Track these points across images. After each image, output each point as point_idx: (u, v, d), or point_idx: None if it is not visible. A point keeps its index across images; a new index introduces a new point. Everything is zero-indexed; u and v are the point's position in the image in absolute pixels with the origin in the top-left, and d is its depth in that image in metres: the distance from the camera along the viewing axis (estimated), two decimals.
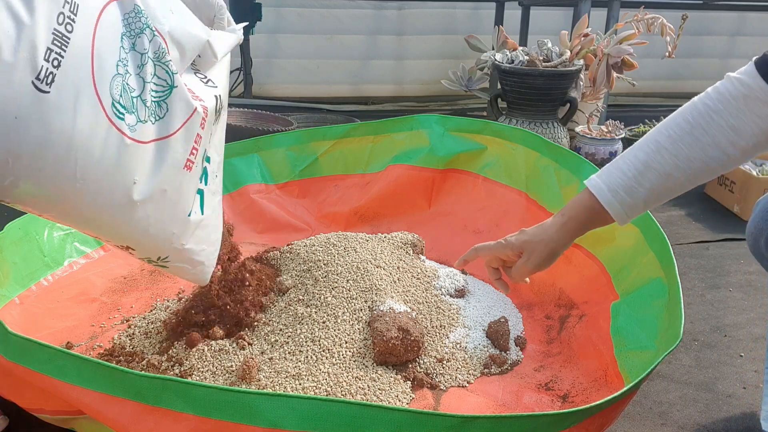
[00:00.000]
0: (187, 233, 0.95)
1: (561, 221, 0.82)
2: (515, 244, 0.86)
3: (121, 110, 0.82)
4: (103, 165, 0.79)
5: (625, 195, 0.77)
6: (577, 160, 1.36)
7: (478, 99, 2.95)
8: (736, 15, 3.48)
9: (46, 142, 0.72)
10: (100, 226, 0.84)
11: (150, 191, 0.86)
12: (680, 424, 1.01)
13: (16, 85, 0.67)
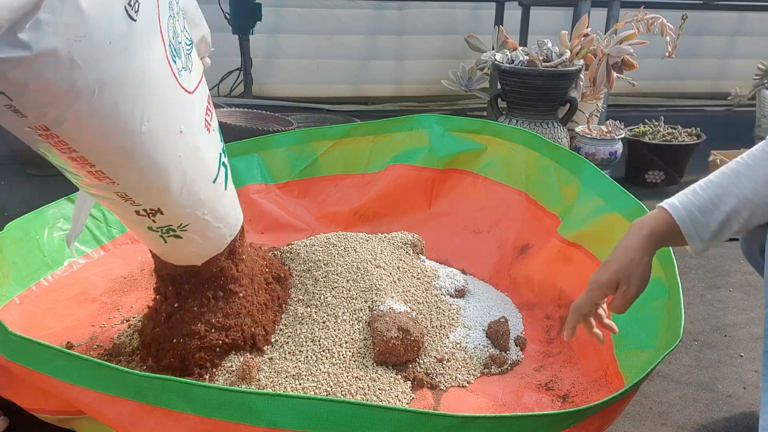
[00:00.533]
0: (210, 202, 0.94)
1: (643, 233, 0.79)
2: (608, 279, 0.81)
3: (173, 53, 0.80)
4: (163, 108, 0.78)
5: (699, 215, 0.76)
6: (577, 160, 1.36)
7: (478, 99, 2.95)
8: (736, 15, 3.48)
9: (127, 74, 0.70)
10: (142, 180, 0.82)
11: (189, 145, 0.85)
12: (680, 424, 1.01)
13: (114, 9, 0.66)
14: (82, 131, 0.71)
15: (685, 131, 2.27)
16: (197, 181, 0.89)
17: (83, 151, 0.74)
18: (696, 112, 3.34)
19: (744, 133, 2.48)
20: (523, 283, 1.32)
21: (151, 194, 0.84)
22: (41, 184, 1.97)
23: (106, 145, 0.74)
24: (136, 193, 0.83)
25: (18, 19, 0.59)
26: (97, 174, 0.78)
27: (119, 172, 0.79)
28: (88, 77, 0.67)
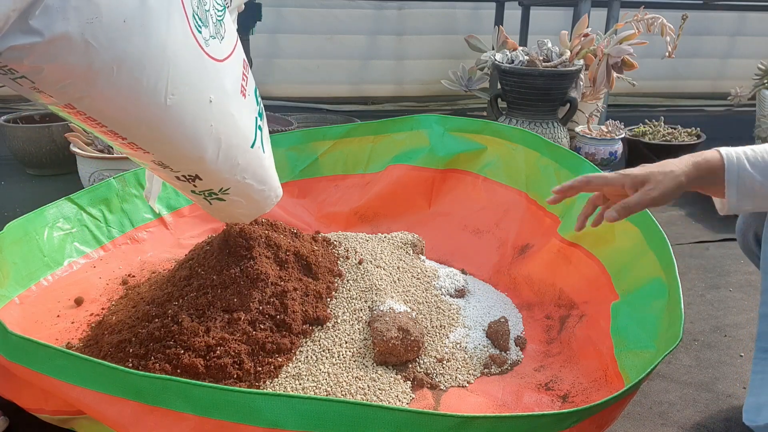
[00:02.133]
0: (250, 167, 0.96)
1: (692, 159, 0.81)
2: (639, 175, 0.83)
3: (199, 23, 0.81)
4: (189, 80, 0.79)
5: (744, 158, 0.78)
6: (577, 160, 1.36)
7: (478, 99, 2.95)
8: (736, 15, 3.47)
9: (146, 50, 0.71)
10: (175, 150, 0.83)
11: (221, 113, 0.86)
12: (680, 424, 1.01)
13: None
14: (107, 108, 0.73)
15: (685, 131, 2.27)
16: (234, 147, 0.90)
17: (112, 125, 0.75)
18: (696, 112, 3.34)
19: (744, 133, 2.48)
20: (523, 283, 1.32)
21: (186, 162, 0.86)
22: (41, 184, 1.97)
23: (132, 120, 0.76)
24: (172, 162, 0.85)
25: (27, 7, 0.60)
26: (130, 146, 0.80)
27: (151, 143, 0.81)
28: (105, 57, 0.67)
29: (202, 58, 0.80)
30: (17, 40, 0.61)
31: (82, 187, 1.58)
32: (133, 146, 0.80)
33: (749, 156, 0.79)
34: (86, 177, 1.71)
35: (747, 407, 0.79)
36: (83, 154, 1.69)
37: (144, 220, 1.41)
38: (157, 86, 0.74)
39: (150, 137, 0.80)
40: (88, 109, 0.72)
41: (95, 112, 0.73)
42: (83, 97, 0.70)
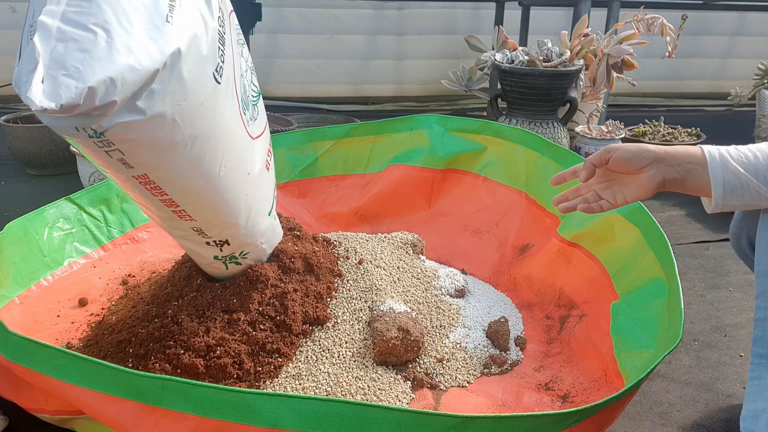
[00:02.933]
0: (267, 232, 1.07)
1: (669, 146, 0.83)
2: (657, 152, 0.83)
3: (244, 106, 0.92)
4: (235, 154, 0.90)
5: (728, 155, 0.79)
6: (577, 160, 1.36)
7: (478, 99, 2.95)
8: (736, 15, 3.48)
9: (213, 128, 0.83)
10: (216, 217, 0.93)
11: (254, 184, 0.97)
12: (680, 424, 1.01)
13: (206, 75, 0.79)
14: (175, 177, 0.83)
15: (685, 131, 2.27)
16: (259, 214, 1.01)
17: (173, 194, 0.85)
18: (696, 112, 3.34)
19: (744, 133, 2.48)
20: (523, 283, 1.32)
21: (222, 228, 0.96)
22: (41, 184, 1.97)
23: (192, 188, 0.86)
24: (209, 228, 0.95)
25: (137, 91, 0.70)
26: (180, 213, 0.89)
27: (199, 210, 0.90)
28: (184, 133, 0.79)
29: (245, 135, 0.93)
30: (124, 118, 0.71)
31: (82, 187, 1.58)
32: (182, 213, 0.89)
33: (732, 153, 0.80)
34: (86, 177, 1.71)
35: (744, 414, 0.79)
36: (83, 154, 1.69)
37: (144, 220, 1.41)
38: (216, 159, 0.85)
39: (200, 204, 0.90)
40: (158, 178, 0.82)
41: (163, 181, 0.82)
42: (158, 168, 0.80)
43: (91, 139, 0.72)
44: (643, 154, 0.83)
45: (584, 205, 0.92)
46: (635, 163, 0.83)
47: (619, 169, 0.87)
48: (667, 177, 0.82)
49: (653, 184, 0.83)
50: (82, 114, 0.68)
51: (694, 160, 0.81)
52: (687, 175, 0.81)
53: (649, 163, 0.83)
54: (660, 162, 0.82)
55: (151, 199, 0.86)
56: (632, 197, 0.86)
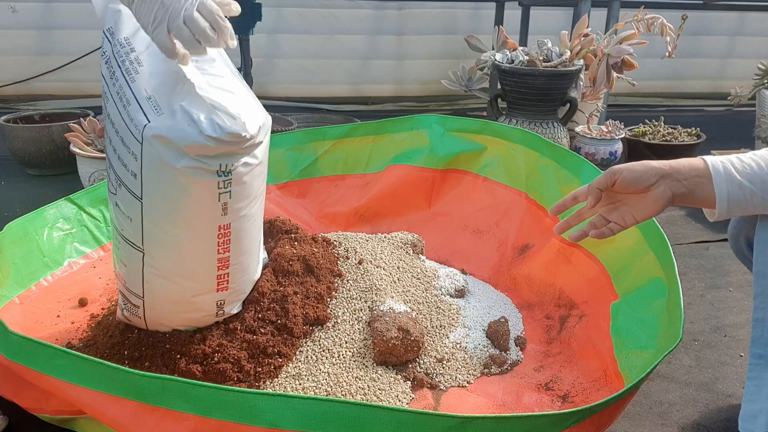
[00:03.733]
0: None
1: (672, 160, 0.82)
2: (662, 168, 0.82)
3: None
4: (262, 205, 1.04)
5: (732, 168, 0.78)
6: (577, 160, 1.36)
7: (478, 99, 2.95)
8: (736, 15, 3.47)
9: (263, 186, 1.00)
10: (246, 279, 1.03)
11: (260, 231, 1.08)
12: (680, 424, 1.01)
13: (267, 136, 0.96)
14: (247, 229, 0.95)
15: (685, 131, 2.27)
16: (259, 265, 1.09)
17: (235, 250, 0.95)
18: (696, 112, 3.34)
19: (744, 133, 2.48)
20: (523, 283, 1.32)
21: (240, 292, 1.02)
22: (41, 184, 1.97)
23: (244, 235, 0.95)
24: (233, 295, 1.00)
25: (257, 143, 0.89)
26: (222, 277, 0.96)
27: (239, 272, 0.98)
28: (262, 187, 0.96)
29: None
30: (248, 159, 0.89)
31: (82, 187, 1.58)
32: (223, 278, 0.96)
33: (735, 164, 0.79)
34: (86, 177, 1.71)
35: (743, 414, 0.79)
36: (83, 154, 1.69)
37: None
38: (261, 208, 1.00)
39: (246, 263, 0.99)
40: (236, 229, 0.93)
41: (237, 234, 0.94)
42: (242, 217, 0.93)
43: (218, 178, 0.87)
44: (649, 173, 0.81)
45: (595, 231, 0.89)
46: (643, 183, 0.82)
47: (626, 191, 0.84)
48: (675, 192, 0.81)
49: (662, 201, 0.81)
50: (234, 147, 0.85)
51: (700, 174, 0.80)
52: (694, 189, 0.80)
53: (656, 180, 0.81)
54: (667, 178, 0.81)
55: (207, 261, 0.93)
56: (642, 217, 0.85)
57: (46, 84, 3.02)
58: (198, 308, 0.97)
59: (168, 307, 0.98)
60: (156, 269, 0.93)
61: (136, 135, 0.85)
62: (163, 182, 0.86)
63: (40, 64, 2.98)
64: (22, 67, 2.97)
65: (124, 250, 0.95)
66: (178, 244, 0.91)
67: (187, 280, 0.94)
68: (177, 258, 0.92)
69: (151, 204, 0.89)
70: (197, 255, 0.93)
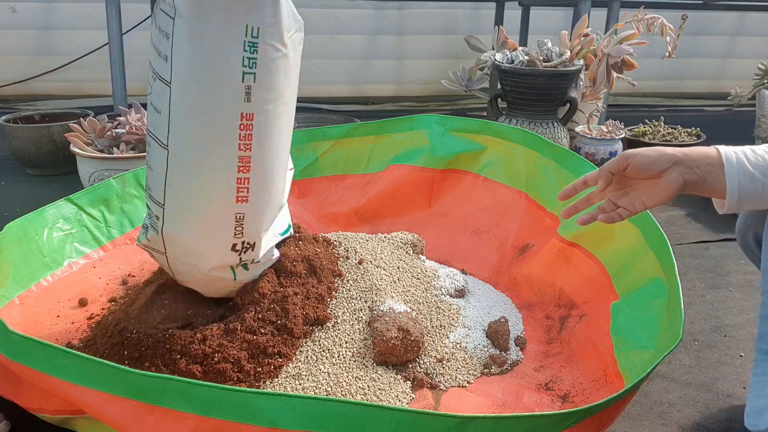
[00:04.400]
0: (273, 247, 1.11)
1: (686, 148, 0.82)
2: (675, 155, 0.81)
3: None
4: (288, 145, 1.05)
5: (745, 159, 0.78)
6: (577, 160, 1.36)
7: (478, 99, 2.95)
8: (736, 15, 3.47)
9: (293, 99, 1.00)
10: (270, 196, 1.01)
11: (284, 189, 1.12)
12: (680, 424, 1.01)
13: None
14: (268, 127, 0.93)
15: (685, 131, 2.27)
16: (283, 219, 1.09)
17: (256, 149, 0.92)
18: (696, 112, 3.34)
19: (744, 133, 2.48)
20: (523, 283, 1.32)
21: (264, 220, 1.00)
22: (41, 184, 1.97)
23: (272, 150, 0.94)
24: (255, 212, 0.97)
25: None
26: (241, 188, 0.94)
27: (263, 183, 0.96)
28: (286, 90, 0.94)
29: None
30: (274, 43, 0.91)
31: (82, 187, 1.58)
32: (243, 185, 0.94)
33: (749, 156, 0.79)
34: (86, 177, 1.71)
35: (748, 410, 0.78)
36: (83, 154, 1.69)
37: (144, 221, 1.41)
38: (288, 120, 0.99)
39: (268, 172, 0.97)
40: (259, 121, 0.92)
41: (260, 126, 0.92)
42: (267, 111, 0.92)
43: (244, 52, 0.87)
44: (662, 158, 0.81)
45: (604, 215, 0.88)
46: (656, 168, 0.81)
47: (638, 176, 0.84)
48: (687, 180, 0.80)
49: (674, 187, 0.81)
50: None
51: (713, 162, 0.79)
52: (706, 177, 0.80)
53: (669, 166, 0.80)
54: (679, 165, 0.80)
55: (227, 155, 0.91)
56: (652, 203, 0.84)
57: (46, 84, 3.02)
58: (216, 220, 0.95)
59: (185, 217, 0.96)
60: (177, 166, 0.93)
61: (169, 12, 0.87)
62: (190, 57, 0.87)
63: (40, 64, 2.98)
64: (22, 67, 2.97)
65: (152, 151, 0.95)
66: (200, 134, 0.90)
67: (206, 179, 0.93)
68: (197, 150, 0.92)
69: (178, 87, 0.89)
70: (218, 146, 0.91)
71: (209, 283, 1.03)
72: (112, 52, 2.26)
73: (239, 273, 1.04)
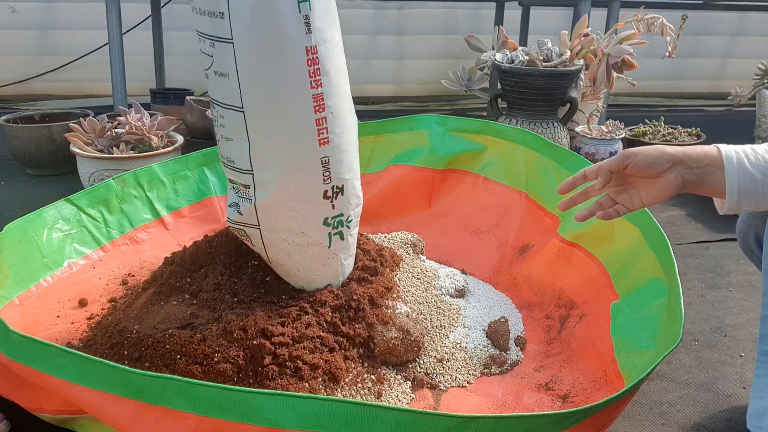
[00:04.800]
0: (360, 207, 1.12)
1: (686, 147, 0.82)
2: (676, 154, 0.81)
3: None
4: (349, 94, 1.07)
5: (745, 159, 0.78)
6: (577, 160, 1.36)
7: (478, 99, 2.95)
8: (736, 15, 3.47)
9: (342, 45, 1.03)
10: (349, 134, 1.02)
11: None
12: (680, 424, 1.01)
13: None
14: (330, 56, 0.94)
15: (685, 131, 2.27)
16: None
17: (327, 83, 0.93)
18: (696, 112, 3.34)
19: (744, 133, 2.48)
20: (523, 283, 1.32)
21: (351, 154, 0.99)
22: (41, 184, 1.97)
23: (339, 86, 0.94)
24: (338, 152, 0.96)
25: None
26: (321, 130, 0.93)
27: (339, 120, 0.95)
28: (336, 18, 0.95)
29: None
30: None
31: (82, 187, 1.58)
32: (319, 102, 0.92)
33: (749, 155, 0.78)
34: (86, 177, 1.71)
35: (751, 412, 0.78)
36: (83, 154, 1.69)
37: (143, 221, 1.41)
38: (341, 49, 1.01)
39: (341, 109, 0.96)
40: (322, 52, 0.92)
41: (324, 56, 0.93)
42: (326, 41, 0.93)
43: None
44: (663, 158, 0.81)
45: (602, 212, 0.89)
46: (656, 168, 0.81)
47: (639, 174, 0.84)
48: (686, 179, 0.80)
49: (673, 187, 0.81)
50: None
51: (713, 162, 0.79)
52: (706, 177, 0.80)
53: (669, 166, 0.80)
54: (680, 164, 0.80)
55: (302, 99, 0.91)
56: (650, 201, 0.84)
57: (46, 84, 3.02)
58: (304, 169, 0.95)
59: (276, 174, 0.95)
60: (257, 124, 0.92)
61: None
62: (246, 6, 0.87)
63: (40, 64, 2.98)
64: (22, 67, 2.97)
65: (227, 121, 0.95)
66: (272, 83, 0.90)
67: (287, 128, 0.93)
68: (273, 100, 0.92)
69: (240, 39, 0.89)
70: (291, 89, 0.91)
71: (305, 257, 1.02)
72: (112, 52, 2.25)
73: (334, 242, 1.02)
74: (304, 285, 1.06)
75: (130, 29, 2.80)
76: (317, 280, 1.05)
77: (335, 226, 1.02)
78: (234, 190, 1.01)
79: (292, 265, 1.03)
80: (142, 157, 1.67)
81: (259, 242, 1.02)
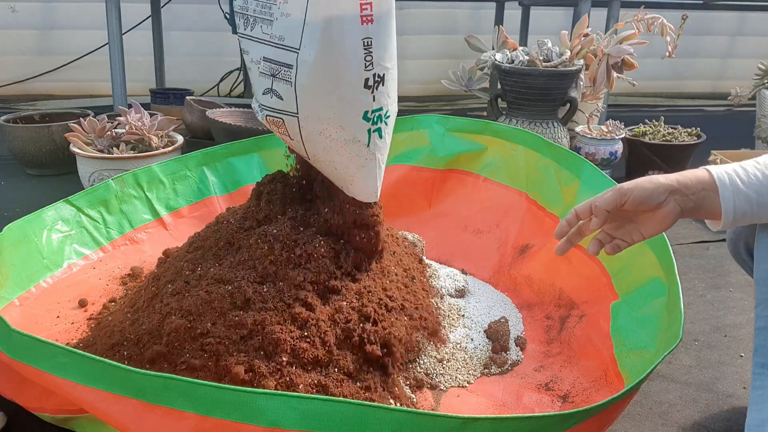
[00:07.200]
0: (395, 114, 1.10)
1: (677, 174, 0.81)
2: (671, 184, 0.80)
3: None
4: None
5: (738, 179, 0.77)
6: (577, 160, 1.36)
7: (478, 99, 2.95)
8: (736, 15, 3.48)
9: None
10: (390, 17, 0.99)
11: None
12: (680, 424, 1.01)
13: None
14: None
15: (685, 131, 2.27)
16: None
17: None
18: (696, 112, 3.34)
19: (744, 133, 2.48)
20: (523, 283, 1.32)
21: (391, 47, 0.96)
22: (41, 185, 1.97)
23: None
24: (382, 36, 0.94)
25: None
26: (365, 5, 0.91)
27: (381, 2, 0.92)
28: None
29: None
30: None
31: (82, 188, 1.58)
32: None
33: (740, 174, 0.78)
34: (86, 177, 1.71)
35: (749, 423, 0.78)
36: (83, 154, 1.69)
37: (143, 221, 1.41)
38: None
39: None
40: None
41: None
42: None
43: None
44: (659, 190, 0.80)
45: (609, 246, 0.87)
46: (654, 201, 0.80)
47: (637, 209, 0.82)
48: (684, 207, 0.80)
49: (671, 217, 0.80)
50: None
51: (707, 186, 0.79)
52: (702, 203, 0.79)
53: (666, 197, 0.80)
54: (676, 193, 0.80)
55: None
56: (650, 233, 0.83)
57: (46, 84, 3.02)
58: (346, 50, 0.92)
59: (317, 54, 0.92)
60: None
61: None
62: None
63: (40, 64, 2.98)
64: (22, 67, 2.97)
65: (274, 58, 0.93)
66: None
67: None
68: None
69: None
70: None
71: (341, 155, 0.99)
72: (112, 52, 2.25)
73: (373, 140, 1.00)
74: (343, 186, 1.03)
75: (130, 29, 2.80)
76: (354, 183, 1.03)
77: (375, 122, 0.98)
78: (269, 75, 0.95)
79: (329, 162, 1.00)
80: (142, 157, 1.67)
81: (297, 134, 0.97)
